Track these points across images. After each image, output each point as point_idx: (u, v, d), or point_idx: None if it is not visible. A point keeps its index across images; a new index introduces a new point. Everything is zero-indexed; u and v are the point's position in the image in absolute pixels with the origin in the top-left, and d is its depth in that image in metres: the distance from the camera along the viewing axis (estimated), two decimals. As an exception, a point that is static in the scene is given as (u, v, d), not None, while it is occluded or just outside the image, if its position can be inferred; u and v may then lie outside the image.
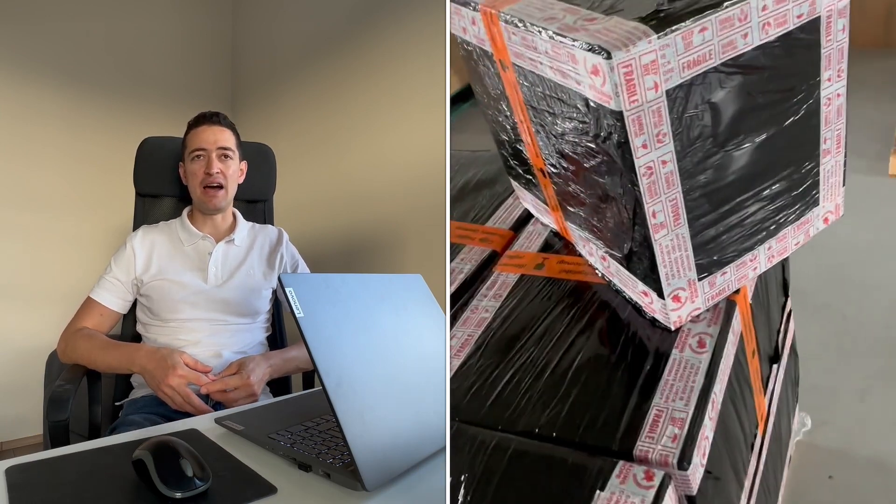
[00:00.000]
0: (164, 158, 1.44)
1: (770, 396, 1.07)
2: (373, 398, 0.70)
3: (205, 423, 0.87)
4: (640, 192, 0.72)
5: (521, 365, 0.84)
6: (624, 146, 0.69)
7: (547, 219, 1.08)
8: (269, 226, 1.48)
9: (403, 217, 1.84)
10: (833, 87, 0.81)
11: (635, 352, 0.83)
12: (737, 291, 0.88)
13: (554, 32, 0.71)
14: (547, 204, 1.03)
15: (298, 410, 0.93)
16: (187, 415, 1.02)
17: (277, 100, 2.53)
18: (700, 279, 0.82)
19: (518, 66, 0.82)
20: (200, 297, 1.24)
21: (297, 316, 0.66)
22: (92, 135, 2.50)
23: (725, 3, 0.67)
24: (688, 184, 0.74)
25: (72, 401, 1.04)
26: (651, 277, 0.80)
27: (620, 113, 0.66)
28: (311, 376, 1.41)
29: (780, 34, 0.72)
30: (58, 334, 1.23)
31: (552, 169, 0.92)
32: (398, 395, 0.74)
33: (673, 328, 0.84)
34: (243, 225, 1.38)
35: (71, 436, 1.01)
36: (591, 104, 0.70)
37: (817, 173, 0.86)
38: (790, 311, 1.27)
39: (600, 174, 0.77)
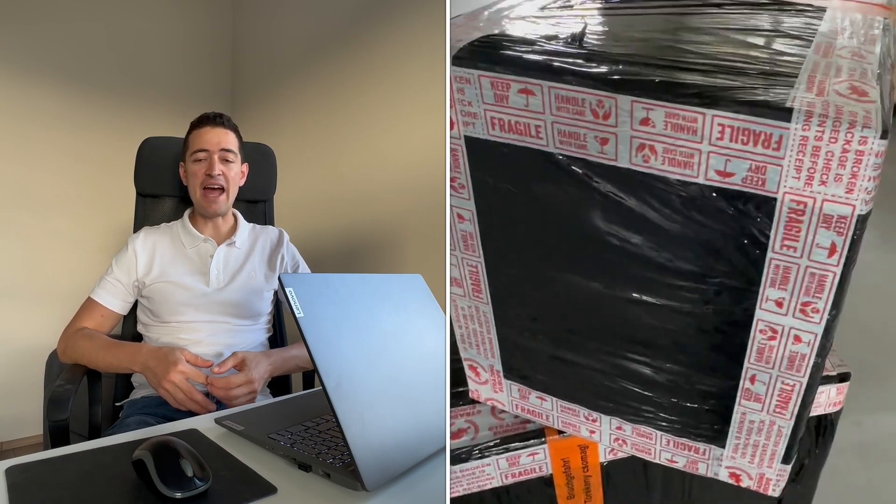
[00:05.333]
0: (165, 158, 1.44)
1: None
2: (373, 398, 0.70)
3: (205, 423, 0.87)
4: None
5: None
6: None
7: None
8: (270, 227, 1.48)
9: (403, 217, 1.84)
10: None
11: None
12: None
13: None
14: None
15: (298, 410, 0.93)
16: (187, 415, 1.02)
17: (277, 100, 2.53)
18: (506, 377, 0.75)
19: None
20: (202, 300, 1.24)
21: (297, 316, 0.66)
22: (92, 135, 2.50)
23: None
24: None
25: (72, 401, 1.04)
26: None
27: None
28: (311, 376, 1.41)
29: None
30: (58, 334, 1.23)
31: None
32: (398, 395, 0.74)
33: (471, 395, 0.79)
34: (244, 227, 1.38)
35: (71, 436, 1.00)
36: None
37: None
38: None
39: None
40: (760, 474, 0.69)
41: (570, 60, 0.53)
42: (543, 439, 0.78)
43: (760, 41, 0.59)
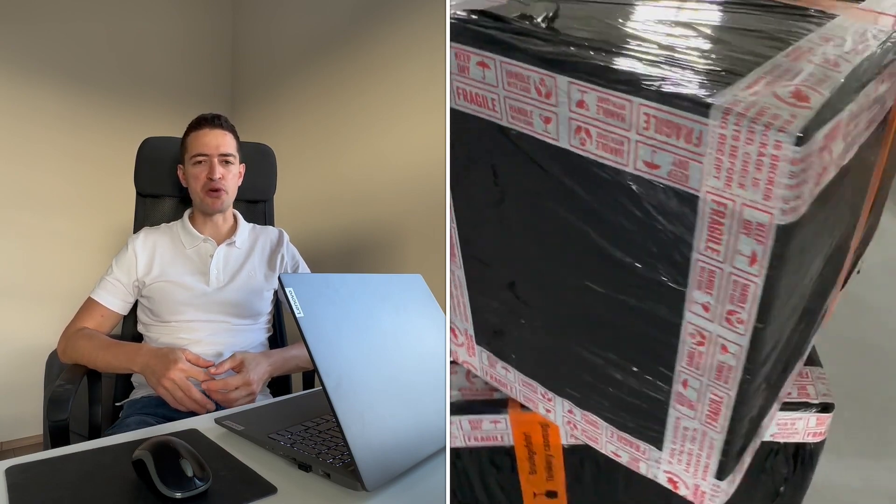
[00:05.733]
0: (165, 158, 1.44)
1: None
2: (373, 398, 0.70)
3: (205, 423, 0.87)
4: None
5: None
6: None
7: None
8: (270, 227, 1.48)
9: (403, 217, 1.84)
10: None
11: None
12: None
13: None
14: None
15: (298, 410, 0.93)
16: (187, 415, 1.02)
17: (277, 100, 2.53)
18: (478, 343, 0.77)
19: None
20: (202, 300, 1.24)
21: (297, 316, 0.66)
22: (92, 135, 2.50)
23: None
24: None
25: (72, 401, 1.04)
26: None
27: None
28: (311, 376, 1.41)
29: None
30: (58, 334, 1.23)
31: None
32: (398, 395, 0.74)
33: (452, 356, 0.83)
34: (244, 227, 1.38)
35: (71, 436, 1.00)
36: None
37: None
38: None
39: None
40: (696, 485, 0.67)
41: (524, 38, 0.54)
42: (505, 410, 0.78)
43: (735, 40, 0.57)
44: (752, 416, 0.62)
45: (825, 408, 0.76)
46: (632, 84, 0.48)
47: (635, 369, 0.63)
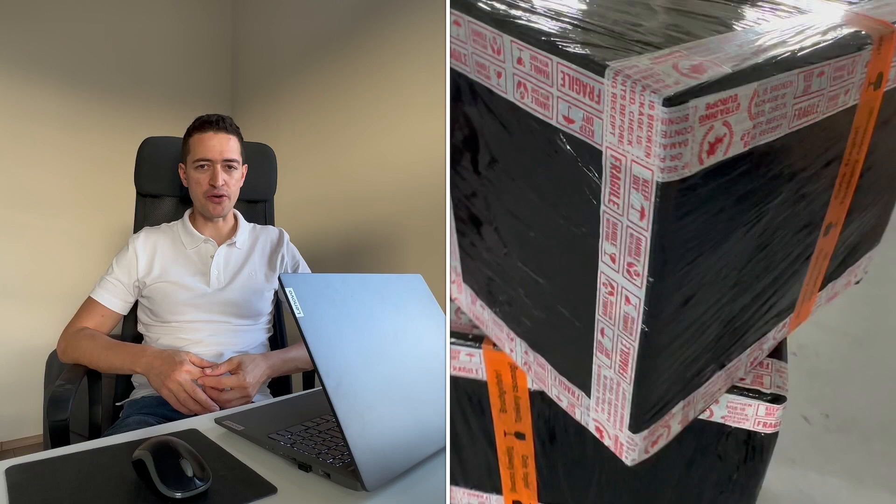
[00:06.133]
0: (165, 158, 1.44)
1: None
2: (373, 398, 0.70)
3: (205, 423, 0.87)
4: None
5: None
6: None
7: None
8: (270, 227, 1.48)
9: (403, 217, 1.84)
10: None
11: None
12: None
13: None
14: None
15: (298, 410, 0.93)
16: (187, 415, 1.02)
17: (277, 100, 2.53)
18: (464, 280, 0.81)
19: None
20: (203, 300, 1.24)
21: (297, 316, 0.66)
22: (92, 135, 2.51)
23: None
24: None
25: (72, 401, 1.04)
26: None
27: None
28: (311, 376, 1.41)
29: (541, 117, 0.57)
30: (58, 334, 1.23)
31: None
32: (398, 395, 0.74)
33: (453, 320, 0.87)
34: (245, 227, 1.38)
35: (71, 436, 1.00)
36: None
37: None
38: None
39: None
40: (615, 436, 0.69)
41: (486, 1, 0.60)
42: (480, 345, 0.81)
43: (683, 21, 0.60)
44: (665, 373, 0.63)
45: (776, 399, 0.77)
46: (551, 45, 0.54)
47: (567, 315, 0.66)
